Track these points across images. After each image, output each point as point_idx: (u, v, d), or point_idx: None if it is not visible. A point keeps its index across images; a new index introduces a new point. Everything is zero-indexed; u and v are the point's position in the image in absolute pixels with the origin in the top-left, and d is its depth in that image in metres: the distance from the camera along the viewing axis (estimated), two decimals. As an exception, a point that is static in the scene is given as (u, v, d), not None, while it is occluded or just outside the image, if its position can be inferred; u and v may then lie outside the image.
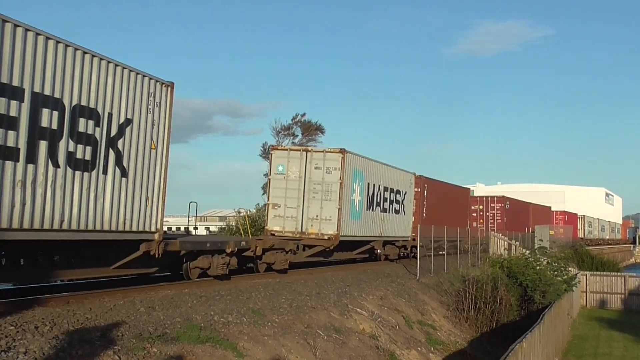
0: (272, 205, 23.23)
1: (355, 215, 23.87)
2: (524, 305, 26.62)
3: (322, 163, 22.83)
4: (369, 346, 15.43)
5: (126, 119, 12.91)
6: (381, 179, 26.46)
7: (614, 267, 59.97)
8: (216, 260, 16.30)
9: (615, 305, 39.28)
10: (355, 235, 24.27)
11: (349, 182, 23.14)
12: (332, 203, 22.44)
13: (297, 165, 23.03)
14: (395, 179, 28.25)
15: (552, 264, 29.95)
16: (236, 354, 11.27)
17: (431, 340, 19.03)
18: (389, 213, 27.53)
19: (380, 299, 19.60)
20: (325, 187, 22.67)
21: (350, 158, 23.27)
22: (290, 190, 23.00)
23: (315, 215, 22.58)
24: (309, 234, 22.58)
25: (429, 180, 33.53)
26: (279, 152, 23.79)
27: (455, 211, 37.66)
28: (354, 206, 23.69)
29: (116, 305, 12.16)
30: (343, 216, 22.59)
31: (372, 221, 25.66)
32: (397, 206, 28.70)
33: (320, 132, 57.00)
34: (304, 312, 15.19)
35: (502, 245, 37.10)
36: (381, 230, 26.75)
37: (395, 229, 28.48)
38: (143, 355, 9.68)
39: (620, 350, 26.02)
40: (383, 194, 26.72)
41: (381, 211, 26.57)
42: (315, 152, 23.45)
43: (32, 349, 8.65)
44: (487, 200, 48.85)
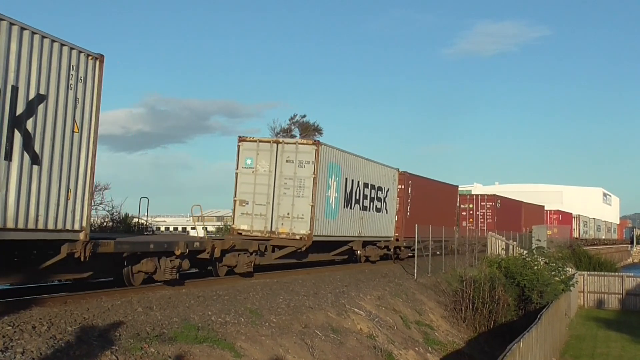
0: (239, 202, 21.33)
1: (331, 213, 22.11)
2: (522, 305, 26.64)
3: (295, 156, 20.94)
4: (366, 346, 15.44)
5: (38, 94, 10.75)
6: (360, 174, 24.75)
7: (611, 267, 60.01)
8: (164, 263, 14.60)
9: (613, 305, 39.29)
10: (331, 235, 22.44)
11: (324, 177, 21.35)
12: (304, 200, 20.67)
13: (267, 159, 21.12)
14: (376, 174, 26.51)
15: (550, 264, 29.97)
16: (234, 354, 11.28)
17: (429, 340, 19.05)
18: (370, 211, 25.79)
19: (377, 299, 19.61)
20: (298, 182, 20.82)
21: (325, 151, 21.47)
22: (259, 185, 21.11)
23: (287, 213, 20.76)
24: (279, 233, 20.74)
25: (413, 176, 31.88)
26: (247, 144, 21.64)
27: (442, 210, 36.25)
28: (330, 203, 21.91)
29: (114, 305, 12.16)
30: (317, 214, 20.84)
31: (350, 220, 23.95)
32: (379, 204, 26.90)
33: (318, 132, 56.99)
34: (302, 312, 15.20)
35: (500, 245, 37.08)
36: (360, 230, 24.92)
37: (377, 228, 26.74)
38: (140, 355, 9.69)
39: (617, 350, 26.05)
40: (363, 191, 24.99)
41: (360, 209, 24.83)
42: (287, 143, 21.45)
43: (30, 349, 8.65)
44: (478, 199, 47.18)
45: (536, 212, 61.64)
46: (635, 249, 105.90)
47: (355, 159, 24.28)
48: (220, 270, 17.58)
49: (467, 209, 46.36)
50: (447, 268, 28.91)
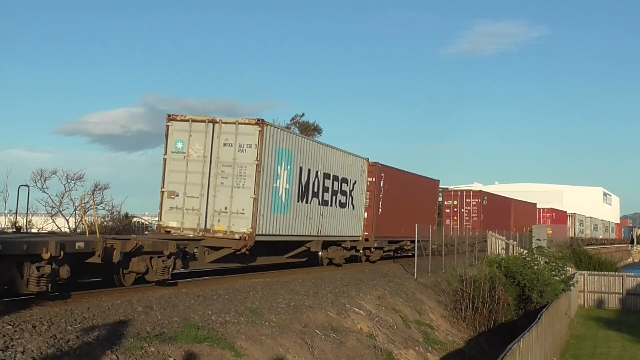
0: (168, 194, 18.16)
1: (281, 207, 18.97)
2: (522, 304, 26.65)
3: (234, 138, 17.84)
4: (366, 346, 15.44)
5: None
6: (320, 163, 21.52)
7: (611, 266, 60.06)
8: (28, 270, 11.26)
9: (613, 305, 39.31)
10: (281, 234, 19.21)
11: (271, 164, 18.27)
12: (245, 191, 17.55)
13: (201, 142, 18.06)
14: (340, 164, 23.29)
15: (550, 263, 29.97)
16: (234, 353, 11.28)
17: (429, 339, 19.05)
18: (332, 206, 22.59)
19: (377, 299, 19.61)
20: (238, 170, 17.72)
21: (271, 132, 18.33)
22: (192, 174, 18.06)
23: (224, 208, 17.62)
24: (214, 231, 17.66)
25: (386, 168, 28.70)
26: (177, 124, 18.41)
27: (420, 206, 32.90)
28: (279, 196, 18.76)
29: (114, 304, 12.17)
30: (261, 209, 17.73)
31: (307, 216, 20.65)
32: (343, 198, 23.71)
33: (318, 132, 56.96)
34: (302, 312, 15.20)
35: (500, 245, 37.07)
36: (320, 228, 21.71)
37: (341, 226, 23.66)
38: (141, 354, 9.69)
39: (617, 350, 26.05)
40: (323, 183, 21.74)
41: (320, 204, 21.57)
42: (225, 123, 18.10)
43: (30, 348, 8.66)
44: (462, 195, 43.55)
45: (527, 210, 58.68)
46: (636, 249, 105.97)
47: (312, 145, 21.38)
48: (126, 278, 14.34)
49: (451, 206, 43.41)
50: (447, 268, 28.88)
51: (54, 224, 28.82)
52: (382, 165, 28.08)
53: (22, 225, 21.30)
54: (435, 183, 36.89)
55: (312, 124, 57.26)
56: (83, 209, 17.38)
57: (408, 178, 31.86)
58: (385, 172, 28.26)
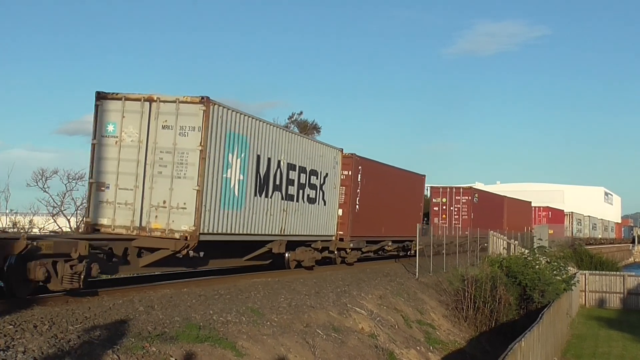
0: (97, 186, 15.62)
1: (233, 202, 16.41)
2: (523, 304, 26.64)
3: (174, 120, 15.28)
4: (368, 345, 15.44)
5: None
6: (283, 152, 18.99)
7: (612, 266, 60.07)
8: None
9: (614, 305, 39.31)
10: (233, 232, 16.55)
11: (220, 150, 15.76)
12: (187, 182, 15.06)
13: (136, 124, 15.49)
14: (308, 154, 20.68)
15: (552, 263, 29.98)
16: (235, 353, 11.28)
17: (430, 339, 19.04)
18: (298, 202, 20.09)
19: (379, 298, 19.60)
20: (179, 157, 15.21)
21: (220, 113, 15.69)
22: (125, 162, 15.48)
23: (162, 202, 15.09)
24: (151, 230, 15.11)
25: (365, 160, 26.03)
26: (109, 104, 15.77)
27: (404, 203, 30.44)
28: (230, 189, 16.25)
29: (115, 304, 12.17)
30: (207, 203, 15.25)
31: (267, 212, 18.14)
32: (312, 193, 21.05)
33: (317, 131, 56.92)
34: (303, 312, 15.19)
35: (501, 245, 37.07)
36: (283, 226, 19.17)
37: (310, 224, 21.03)
38: (142, 354, 9.69)
39: (619, 349, 26.05)
40: (287, 174, 19.25)
41: (283, 198, 19.04)
42: (164, 102, 15.44)
43: (31, 348, 8.65)
44: (452, 192, 41.37)
45: (522, 208, 56.37)
46: (637, 248, 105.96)
47: (273, 131, 18.64)
48: (19, 288, 11.49)
49: (440, 204, 41.22)
50: (449, 267, 28.87)
51: (55, 223, 28.85)
52: (359, 157, 25.51)
53: None
54: (420, 178, 34.25)
55: (311, 122, 57.19)
56: None
57: (390, 172, 29.30)
58: (363, 165, 25.70)
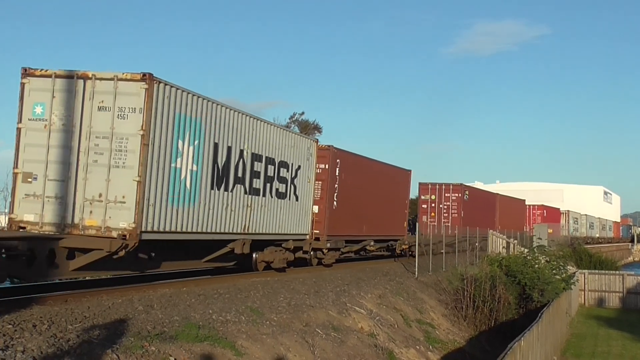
0: (23, 177, 13.55)
1: (185, 196, 14.43)
2: (523, 303, 26.65)
3: (112, 100, 13.20)
4: (367, 345, 15.44)
5: None
6: (247, 140, 17.02)
7: (612, 265, 60.10)
8: None
9: (614, 304, 39.34)
10: (184, 230, 14.53)
11: (167, 136, 13.70)
12: (127, 172, 13.06)
13: (68, 105, 13.38)
14: (277, 143, 18.78)
15: (551, 262, 29.99)
16: (235, 352, 11.27)
17: (430, 338, 19.04)
18: (265, 197, 18.17)
19: (378, 298, 19.60)
20: (117, 143, 13.15)
21: (167, 93, 13.59)
22: (55, 149, 13.41)
23: (98, 195, 13.07)
24: (85, 227, 13.05)
25: (344, 153, 24.14)
26: (37, 82, 13.66)
27: (388, 200, 28.62)
28: (180, 180, 14.29)
29: (114, 304, 12.16)
30: (151, 196, 13.25)
31: (227, 208, 16.23)
32: (282, 187, 19.23)
33: (318, 131, 56.90)
34: (303, 311, 15.19)
35: (501, 244, 37.08)
36: (247, 224, 17.20)
37: (280, 222, 19.19)
38: (141, 353, 9.68)
39: (618, 348, 26.07)
40: (252, 166, 17.35)
41: (247, 192, 17.14)
42: (100, 79, 13.32)
43: (30, 347, 8.64)
44: (441, 189, 39.54)
45: (515, 206, 54.57)
46: (636, 248, 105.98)
47: (234, 116, 16.44)
48: None
49: (429, 201, 39.53)
50: (448, 266, 28.86)
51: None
52: (337, 149, 23.61)
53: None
54: (406, 174, 32.23)
55: (312, 122, 57.18)
56: None
57: (372, 166, 27.31)
58: (342, 158, 23.83)
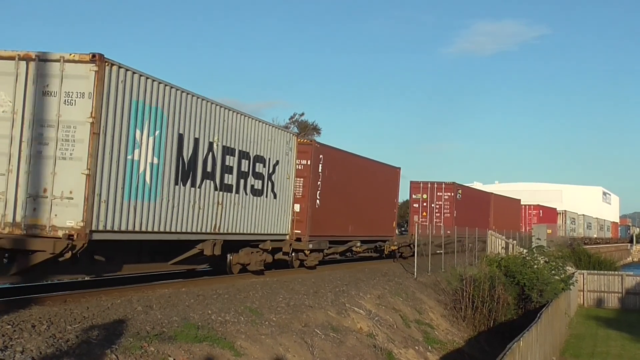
0: None
1: (144, 192, 13.05)
2: (522, 304, 26.67)
3: (59, 84, 11.90)
4: (366, 345, 15.44)
5: None
6: (217, 132, 15.71)
7: (611, 266, 60.12)
8: None
9: (613, 304, 39.35)
10: (143, 230, 13.11)
11: (122, 125, 12.32)
12: (74, 165, 11.74)
13: (9, 90, 12.00)
14: (252, 136, 17.46)
15: (550, 263, 30.01)
16: (234, 353, 11.27)
17: (429, 339, 19.05)
18: (239, 193, 16.88)
19: (377, 298, 19.61)
20: (63, 132, 11.84)
21: (121, 77, 12.21)
22: None
23: (42, 190, 11.78)
24: (28, 226, 11.71)
25: (327, 148, 22.79)
26: None
27: (375, 199, 27.48)
28: (139, 175, 12.89)
29: (113, 304, 12.16)
30: (103, 191, 11.94)
31: (194, 205, 14.87)
32: (258, 183, 17.92)
33: (317, 132, 56.96)
34: (302, 311, 15.19)
35: (500, 244, 37.09)
36: (218, 223, 15.91)
37: (256, 221, 17.85)
38: (140, 354, 9.68)
39: (617, 349, 26.08)
40: (223, 160, 16.04)
41: (218, 189, 15.82)
42: (44, 61, 11.99)
43: (29, 347, 8.64)
44: (433, 188, 38.45)
45: (510, 206, 53.48)
46: (635, 248, 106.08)
47: (202, 105, 15.07)
48: None
49: (420, 200, 38.49)
50: (447, 267, 28.87)
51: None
52: (320, 144, 22.52)
53: None
54: (394, 171, 30.75)
55: (311, 123, 57.25)
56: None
57: (358, 163, 26.05)
58: (326, 154, 22.41)
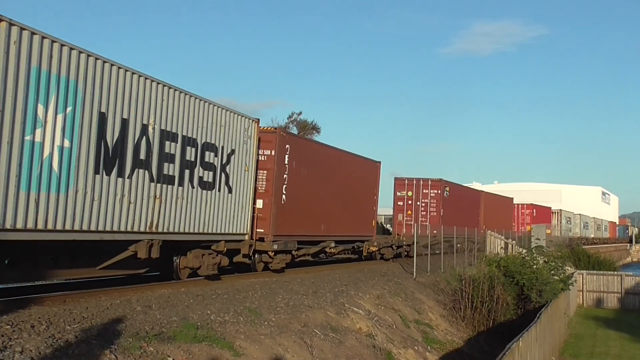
0: None
1: (52, 182, 11.01)
2: (521, 304, 26.67)
3: None
4: (365, 345, 15.44)
5: None
6: (154, 113, 13.40)
7: (610, 266, 60.16)
8: None
9: (612, 304, 39.36)
10: (52, 229, 11.02)
11: (16, 97, 10.21)
12: None
13: None
14: (201, 120, 15.19)
15: (549, 263, 30.02)
16: (233, 353, 11.27)
17: (428, 339, 19.05)
18: (183, 186, 14.64)
19: (376, 298, 19.61)
20: None
21: (13, 37, 10.04)
22: None
23: None
24: None
25: (295, 138, 20.93)
26: None
27: (351, 195, 25.11)
28: (42, 160, 10.79)
29: (113, 304, 12.16)
30: None
31: (123, 199, 12.70)
32: (209, 175, 15.72)
33: (316, 131, 56.91)
34: (301, 311, 15.19)
35: (499, 244, 37.09)
36: (156, 220, 13.64)
37: (206, 218, 15.67)
38: (139, 354, 9.68)
39: (616, 349, 26.08)
40: (161, 146, 13.75)
41: (155, 180, 13.57)
42: None
43: (29, 348, 8.64)
44: (419, 185, 36.28)
45: (502, 205, 51.47)
46: (634, 248, 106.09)
47: (132, 79, 12.84)
48: None
49: (405, 198, 36.29)
50: (447, 267, 28.87)
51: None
52: (286, 132, 20.29)
53: None
54: (374, 165, 28.26)
55: (310, 122, 57.20)
56: None
57: (332, 155, 23.60)
58: (293, 144, 20.25)
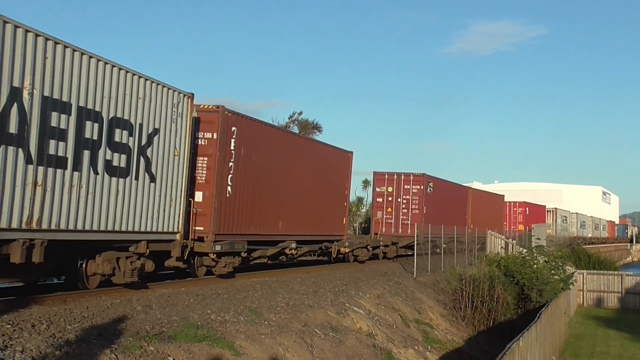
0: None
1: None
2: (521, 303, 26.65)
3: None
4: (366, 345, 15.44)
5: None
6: (31, 74, 10.64)
7: (610, 265, 60.14)
8: None
9: (612, 304, 39.33)
10: None
11: None
12: None
13: None
14: (108, 90, 12.47)
15: (550, 262, 29.98)
16: (233, 352, 11.28)
17: (428, 338, 19.05)
18: (80, 171, 11.83)
19: (377, 298, 19.61)
20: None
21: None
22: None
23: None
24: None
25: (244, 119, 17.62)
26: None
27: (320, 189, 22.61)
28: None
29: (113, 304, 12.17)
30: None
31: None
32: (121, 158, 12.96)
33: (318, 130, 56.97)
34: (301, 311, 15.19)
35: (499, 244, 37.06)
36: (34, 214, 10.79)
37: (117, 212, 12.84)
38: (140, 353, 9.68)
39: (617, 349, 26.06)
40: (45, 118, 10.93)
41: (32, 162, 10.73)
42: None
43: (29, 347, 8.65)
44: (400, 180, 33.01)
45: (492, 203, 48.75)
46: (635, 248, 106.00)
47: None
48: None
49: (384, 194, 33.12)
50: (447, 267, 28.86)
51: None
52: (232, 112, 17.01)
53: None
54: (346, 156, 25.39)
55: (312, 121, 57.27)
56: None
57: (293, 142, 20.99)
58: (241, 127, 17.40)
